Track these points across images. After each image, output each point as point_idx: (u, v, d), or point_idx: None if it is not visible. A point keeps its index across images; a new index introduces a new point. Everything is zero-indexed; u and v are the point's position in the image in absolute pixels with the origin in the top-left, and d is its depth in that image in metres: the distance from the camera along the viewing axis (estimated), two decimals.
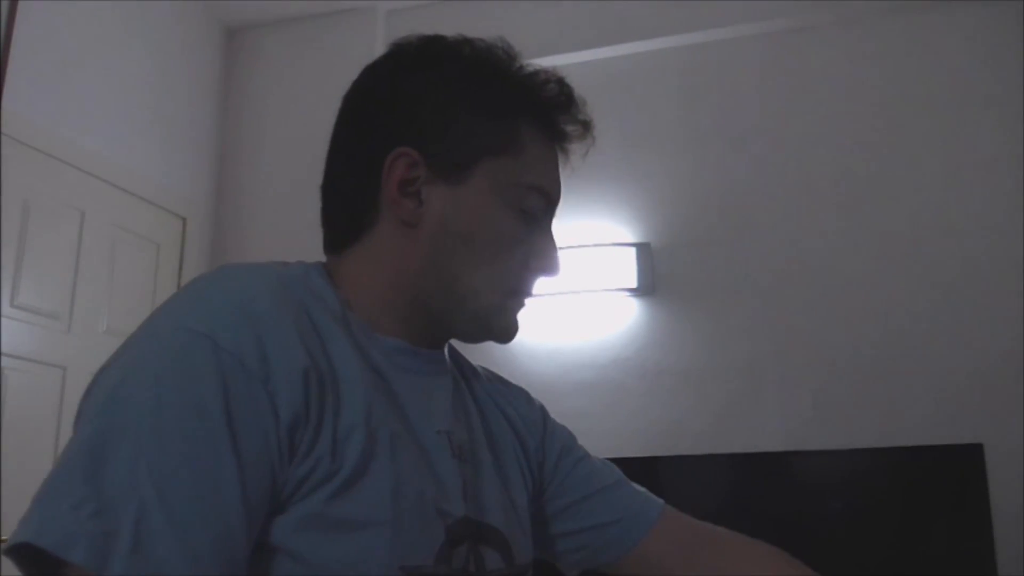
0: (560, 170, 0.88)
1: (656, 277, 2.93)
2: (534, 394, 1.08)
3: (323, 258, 0.85)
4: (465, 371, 0.95)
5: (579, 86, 0.91)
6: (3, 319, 2.49)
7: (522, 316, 0.86)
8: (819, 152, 2.89)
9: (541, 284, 0.88)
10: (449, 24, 0.86)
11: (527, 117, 0.83)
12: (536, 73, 0.86)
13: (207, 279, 0.72)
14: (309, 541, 0.67)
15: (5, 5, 2.54)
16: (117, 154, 2.96)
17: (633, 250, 2.93)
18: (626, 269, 2.92)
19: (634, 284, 2.90)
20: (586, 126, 0.88)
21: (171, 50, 3.25)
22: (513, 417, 0.97)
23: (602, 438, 2.81)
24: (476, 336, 0.85)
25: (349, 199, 0.83)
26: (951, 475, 2.43)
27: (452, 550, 0.74)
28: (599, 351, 2.93)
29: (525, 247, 0.84)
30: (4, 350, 2.47)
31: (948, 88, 2.81)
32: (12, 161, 2.52)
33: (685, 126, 3.04)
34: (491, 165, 0.81)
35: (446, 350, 0.88)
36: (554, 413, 1.14)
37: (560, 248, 0.91)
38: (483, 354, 1.00)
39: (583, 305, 2.98)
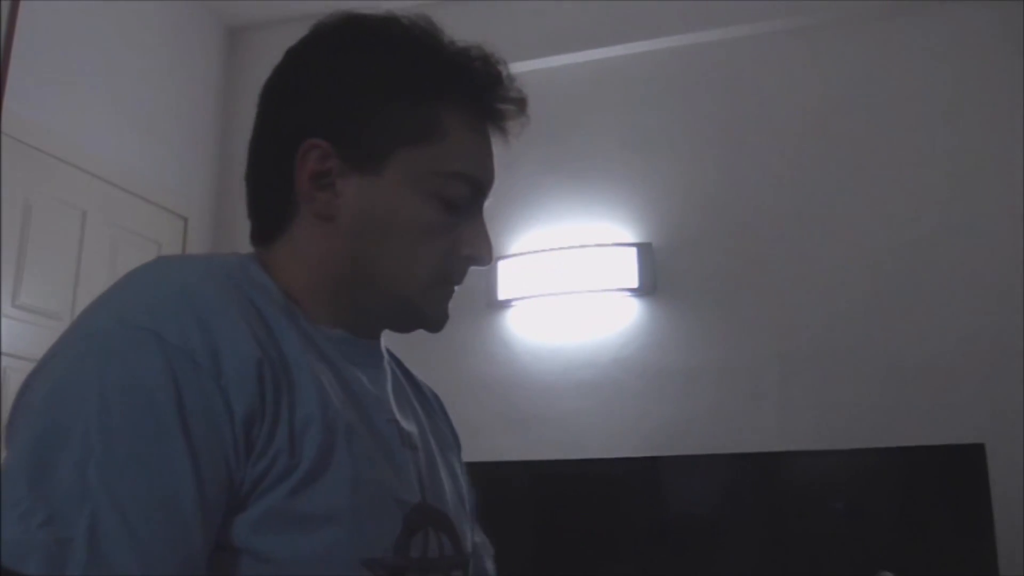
0: (494, 151, 0.84)
1: (657, 277, 2.93)
2: (535, 393, 1.09)
3: None
4: (406, 372, 0.95)
5: (579, 86, 0.90)
6: (4, 319, 2.49)
7: (452, 304, 0.85)
8: (820, 152, 2.89)
9: (474, 271, 0.87)
10: (450, 24, 0.85)
11: (450, 100, 0.79)
12: (462, 52, 0.81)
13: (144, 270, 0.70)
14: (271, 539, 0.65)
15: (6, 5, 2.54)
16: (118, 154, 2.96)
17: (634, 250, 2.93)
18: (627, 269, 2.92)
19: (635, 284, 2.91)
20: (519, 103, 0.84)
21: (172, 50, 3.25)
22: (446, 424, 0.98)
23: (602, 438, 2.83)
24: (405, 326, 0.84)
25: (268, 192, 0.81)
26: (952, 475, 2.43)
27: (410, 538, 0.74)
28: (600, 351, 2.93)
29: (451, 236, 0.80)
30: (5, 350, 2.48)
31: (948, 88, 2.80)
32: (13, 161, 2.52)
33: (686, 126, 3.04)
34: (408, 154, 0.77)
35: (382, 343, 0.87)
36: (555, 413, 1.15)
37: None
38: (485, 354, 1.00)
39: (584, 305, 2.98)
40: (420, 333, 0.87)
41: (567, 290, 2.95)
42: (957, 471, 2.41)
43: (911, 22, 2.88)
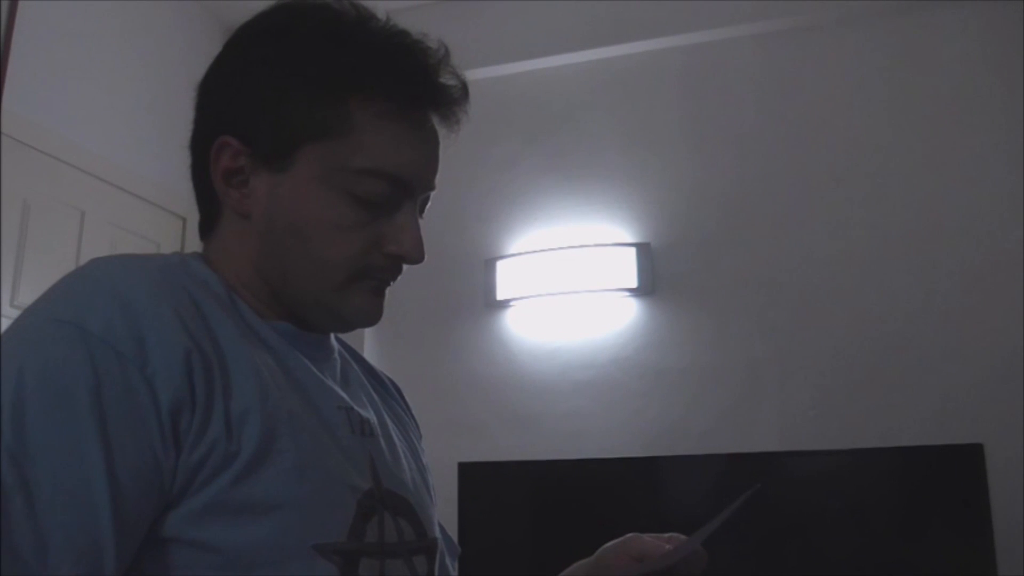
0: (427, 142, 0.81)
1: (656, 277, 2.93)
2: (533, 393, 1.09)
3: None
4: (362, 363, 0.95)
5: (578, 86, 0.89)
6: (3, 319, 2.49)
7: (385, 297, 0.82)
8: (819, 152, 2.89)
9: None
10: (449, 24, 0.85)
11: (361, 93, 0.76)
12: (384, 41, 0.78)
13: (76, 271, 0.71)
14: (217, 529, 0.65)
15: (5, 5, 2.54)
16: (117, 154, 2.96)
17: (633, 250, 2.93)
18: (626, 269, 2.92)
19: (634, 284, 2.91)
20: (450, 91, 0.80)
21: (171, 50, 3.25)
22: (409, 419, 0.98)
23: (601, 438, 2.83)
24: (331, 325, 0.83)
25: (197, 189, 0.82)
26: (951, 475, 2.43)
27: (365, 523, 0.74)
28: (599, 351, 2.93)
29: (369, 232, 0.78)
30: None
31: (948, 88, 2.80)
32: (12, 161, 2.52)
33: (685, 126, 3.04)
34: (314, 150, 0.76)
35: (332, 336, 0.87)
36: (554, 413, 1.15)
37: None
38: (483, 354, 1.00)
39: (583, 305, 2.98)
40: (416, 333, 0.87)
41: (566, 290, 2.95)
42: (956, 471, 2.41)
43: (911, 22, 2.88)
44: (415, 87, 0.78)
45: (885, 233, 2.77)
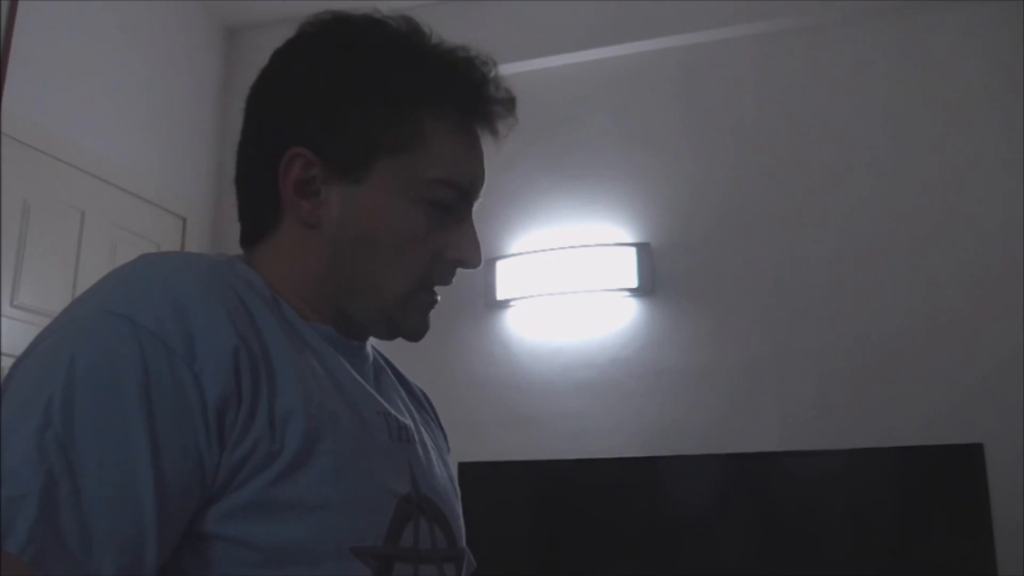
0: (482, 153, 0.84)
1: (656, 277, 2.93)
2: (533, 393, 1.09)
3: None
4: (395, 371, 0.96)
5: (578, 86, 0.89)
6: (3, 319, 2.49)
7: (432, 313, 0.85)
8: (819, 152, 2.89)
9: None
10: (450, 24, 0.85)
11: (432, 106, 0.79)
12: (446, 55, 0.81)
13: (128, 265, 0.71)
14: (256, 526, 0.66)
15: (5, 5, 2.54)
16: (117, 154, 2.96)
17: (633, 250, 2.93)
18: (626, 269, 2.92)
19: (634, 284, 2.91)
20: (506, 104, 0.83)
21: (171, 50, 3.25)
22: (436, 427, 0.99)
23: (601, 438, 2.83)
24: (385, 334, 0.84)
25: (253, 197, 0.83)
26: (951, 475, 2.43)
27: (401, 528, 0.74)
28: (599, 351, 2.93)
29: (435, 240, 0.81)
30: (4, 350, 2.47)
31: (948, 88, 2.80)
32: (12, 161, 2.52)
33: (685, 126, 3.04)
34: (390, 163, 0.78)
35: (368, 345, 0.88)
36: (554, 413, 1.14)
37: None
38: (484, 353, 0.99)
39: (584, 305, 2.98)
40: None
41: (566, 290, 2.95)
42: (956, 471, 2.41)
43: (912, 22, 2.88)
44: (482, 103, 0.81)
45: (885, 233, 2.77)
